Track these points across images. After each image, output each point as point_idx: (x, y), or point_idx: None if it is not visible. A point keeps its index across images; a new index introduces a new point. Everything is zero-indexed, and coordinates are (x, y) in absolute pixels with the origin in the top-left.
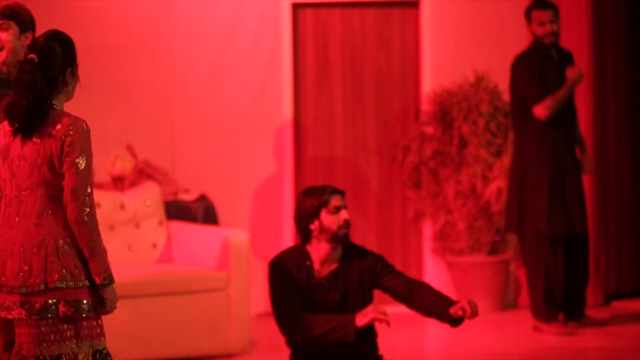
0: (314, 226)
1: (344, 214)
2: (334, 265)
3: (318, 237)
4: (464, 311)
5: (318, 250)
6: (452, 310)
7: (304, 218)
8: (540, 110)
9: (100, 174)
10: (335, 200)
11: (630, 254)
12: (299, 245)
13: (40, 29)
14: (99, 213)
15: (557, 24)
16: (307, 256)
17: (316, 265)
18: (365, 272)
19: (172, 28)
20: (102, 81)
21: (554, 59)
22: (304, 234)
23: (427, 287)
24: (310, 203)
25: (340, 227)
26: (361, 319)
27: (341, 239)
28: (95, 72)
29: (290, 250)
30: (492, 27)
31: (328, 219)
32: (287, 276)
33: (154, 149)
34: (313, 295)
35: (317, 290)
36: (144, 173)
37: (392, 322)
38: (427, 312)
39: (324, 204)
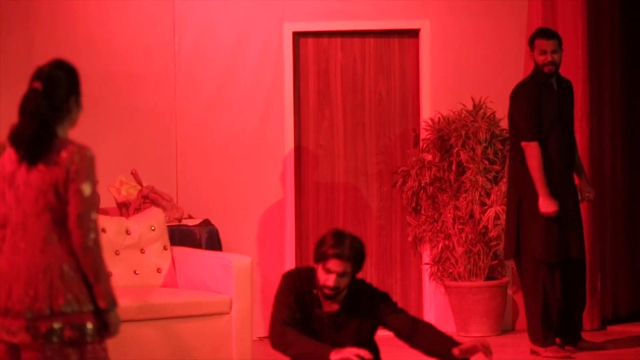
0: (316, 267)
1: (329, 279)
2: (337, 306)
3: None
4: (485, 352)
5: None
6: (458, 352)
7: (314, 254)
8: (529, 152)
9: (106, 199)
10: (331, 264)
11: (625, 278)
12: (313, 270)
13: (47, 58)
14: (105, 238)
15: (559, 54)
16: (314, 285)
17: (321, 298)
18: (369, 314)
19: (176, 56)
20: (107, 108)
21: (553, 87)
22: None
23: (429, 326)
24: (320, 248)
25: (324, 287)
26: (335, 355)
27: (324, 295)
28: (101, 99)
29: (305, 270)
30: (490, 56)
31: (320, 273)
32: (294, 293)
33: (158, 175)
34: (313, 323)
35: (317, 321)
36: (148, 199)
37: (388, 343)
38: (429, 351)
39: (323, 259)
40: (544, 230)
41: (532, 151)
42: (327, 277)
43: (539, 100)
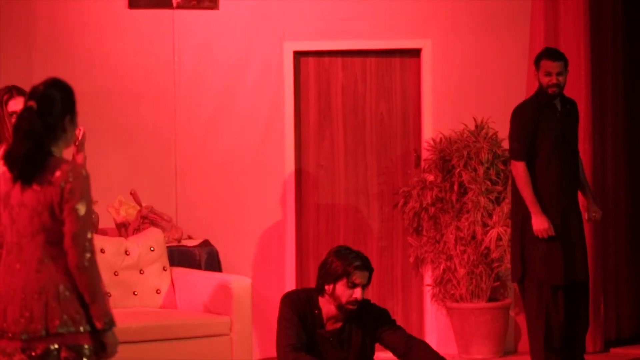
0: (328, 288)
1: (357, 293)
2: (340, 323)
3: (328, 297)
4: None
5: (327, 306)
6: None
7: (324, 276)
8: (515, 172)
9: (105, 220)
10: (356, 277)
11: (628, 301)
12: (312, 290)
13: (46, 76)
14: (104, 259)
15: (564, 76)
16: (316, 305)
17: (324, 317)
18: (369, 328)
19: (176, 75)
20: (106, 127)
21: (556, 108)
22: (319, 288)
23: (425, 346)
24: (335, 267)
25: (348, 302)
26: None
27: (346, 312)
28: (99, 118)
29: (303, 291)
30: (493, 76)
31: (342, 290)
32: (297, 316)
33: (157, 195)
34: (317, 343)
35: (321, 340)
36: (147, 219)
37: None
38: None
39: (346, 275)
40: (548, 252)
41: (518, 171)
42: (353, 291)
43: (538, 121)
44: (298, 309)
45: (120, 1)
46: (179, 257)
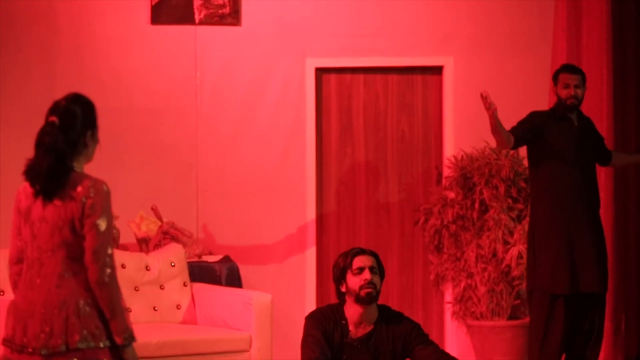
0: (344, 288)
1: (365, 274)
2: (369, 328)
3: (349, 298)
4: None
5: (351, 311)
6: None
7: (337, 280)
8: None
9: (126, 235)
10: (357, 261)
11: None
12: (336, 304)
13: (68, 91)
14: (124, 274)
15: (582, 90)
16: (342, 315)
17: (350, 326)
18: (400, 339)
19: (198, 90)
20: (127, 143)
21: (572, 122)
22: (339, 296)
23: None
24: (338, 264)
25: (361, 287)
26: None
27: (364, 300)
28: (121, 134)
29: (327, 307)
30: (514, 94)
31: (352, 281)
32: (321, 331)
33: (178, 211)
34: (345, 354)
35: (349, 350)
36: (168, 234)
37: None
38: None
39: (348, 265)
40: (554, 261)
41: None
42: (361, 275)
43: (545, 129)
44: (323, 324)
45: (142, 17)
46: (200, 272)
